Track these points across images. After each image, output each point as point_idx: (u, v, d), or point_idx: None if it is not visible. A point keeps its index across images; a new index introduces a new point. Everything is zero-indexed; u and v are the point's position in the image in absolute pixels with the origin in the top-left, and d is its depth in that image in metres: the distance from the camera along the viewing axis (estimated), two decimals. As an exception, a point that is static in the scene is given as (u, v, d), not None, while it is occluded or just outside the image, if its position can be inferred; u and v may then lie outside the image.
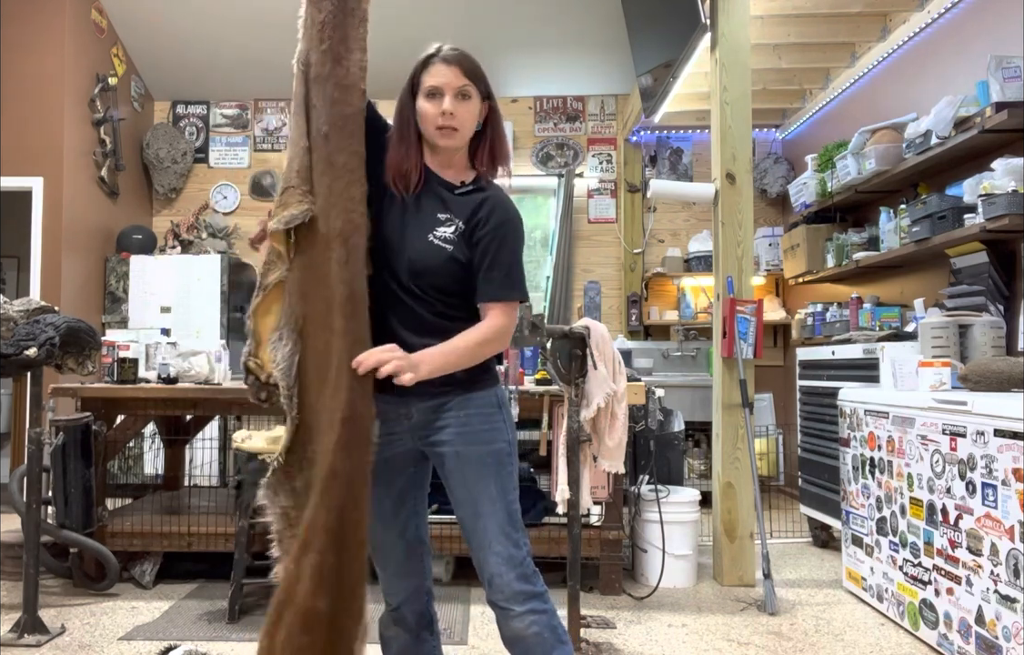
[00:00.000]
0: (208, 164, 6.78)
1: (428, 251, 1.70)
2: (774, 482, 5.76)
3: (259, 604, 3.41)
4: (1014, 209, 3.13)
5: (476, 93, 1.73)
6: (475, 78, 1.72)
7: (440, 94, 1.69)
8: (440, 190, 1.76)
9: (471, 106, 1.72)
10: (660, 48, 4.62)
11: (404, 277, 1.71)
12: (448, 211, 1.74)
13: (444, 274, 1.71)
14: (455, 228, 1.72)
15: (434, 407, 1.73)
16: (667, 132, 6.58)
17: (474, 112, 1.74)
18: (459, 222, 1.73)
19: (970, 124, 3.47)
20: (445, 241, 1.71)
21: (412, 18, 5.81)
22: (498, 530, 1.71)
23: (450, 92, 1.69)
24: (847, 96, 5.31)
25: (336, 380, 1.60)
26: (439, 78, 1.69)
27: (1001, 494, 2.50)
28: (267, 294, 1.72)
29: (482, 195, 1.76)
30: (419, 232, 1.72)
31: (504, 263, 1.72)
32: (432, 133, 1.72)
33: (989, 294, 3.53)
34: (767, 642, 3.02)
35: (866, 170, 4.30)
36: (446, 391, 1.72)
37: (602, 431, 3.39)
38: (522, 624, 1.69)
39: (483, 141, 1.79)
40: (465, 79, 1.70)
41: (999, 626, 2.51)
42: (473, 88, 1.72)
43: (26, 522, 3.04)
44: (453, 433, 1.73)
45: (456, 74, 1.69)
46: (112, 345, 3.64)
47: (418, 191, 1.75)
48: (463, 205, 1.75)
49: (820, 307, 5.10)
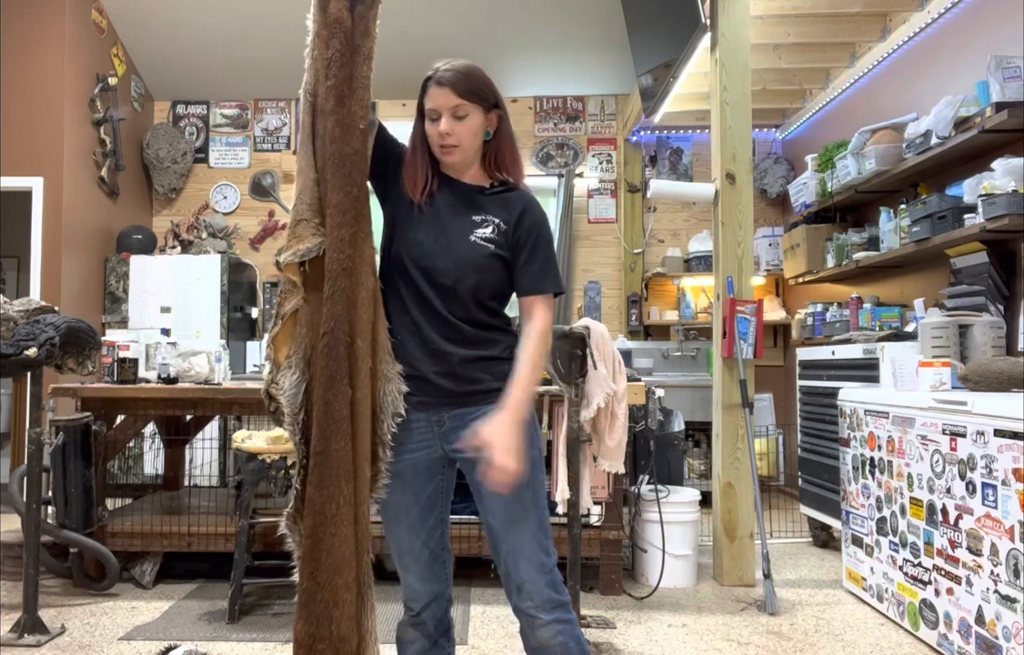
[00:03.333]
0: (208, 164, 6.78)
1: (471, 251, 1.73)
2: (774, 482, 5.76)
3: (259, 604, 3.41)
4: (1014, 209, 3.13)
5: (475, 109, 1.75)
6: (471, 96, 1.74)
7: (437, 116, 1.74)
8: (470, 193, 1.80)
9: (469, 124, 1.75)
10: (660, 48, 4.62)
11: (446, 279, 1.73)
12: (482, 212, 1.77)
13: (487, 271, 1.74)
14: (493, 227, 1.76)
15: (466, 414, 1.75)
16: (667, 132, 6.59)
17: (474, 127, 1.76)
18: (497, 220, 1.77)
19: (970, 124, 3.47)
20: (486, 240, 1.75)
21: (412, 18, 5.81)
22: (531, 537, 1.73)
23: (445, 114, 1.73)
24: (847, 96, 5.31)
25: (312, 415, 1.66)
26: (434, 101, 1.74)
27: (1001, 494, 2.50)
28: (284, 323, 1.74)
29: (513, 196, 1.80)
30: (459, 234, 1.75)
31: (543, 256, 1.77)
32: (437, 152, 1.78)
33: (989, 294, 3.53)
34: (767, 642, 3.02)
35: (866, 170, 4.30)
36: (479, 398, 1.74)
37: (602, 431, 3.40)
38: (548, 633, 1.71)
39: (491, 149, 1.82)
40: (458, 99, 1.72)
41: (999, 626, 2.51)
42: (470, 105, 1.74)
43: (26, 522, 3.04)
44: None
45: (448, 95, 1.72)
46: (112, 345, 3.64)
47: (433, 194, 1.79)
48: (497, 204, 1.79)
49: (820, 307, 5.10)
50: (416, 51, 6.45)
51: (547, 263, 1.78)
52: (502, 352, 1.77)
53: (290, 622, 3.16)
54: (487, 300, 1.76)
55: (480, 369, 1.74)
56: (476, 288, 1.73)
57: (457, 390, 1.73)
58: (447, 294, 1.73)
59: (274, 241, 6.68)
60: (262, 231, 6.69)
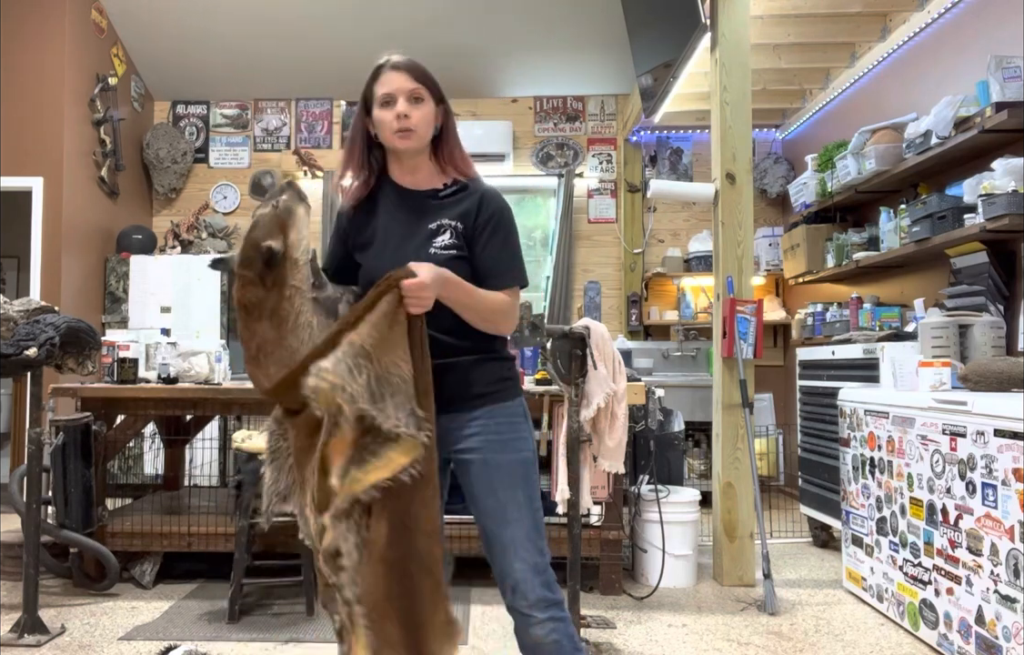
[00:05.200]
0: (208, 164, 6.78)
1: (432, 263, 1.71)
2: (774, 482, 5.76)
3: (259, 604, 3.41)
4: (1014, 209, 3.13)
5: (429, 96, 1.77)
6: (426, 81, 1.76)
7: (393, 100, 1.74)
8: (422, 201, 1.80)
9: (425, 109, 1.76)
10: (660, 48, 4.62)
11: None
12: (437, 217, 1.77)
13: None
14: (451, 232, 1.75)
15: (460, 417, 1.76)
16: (667, 132, 6.58)
17: (429, 114, 1.77)
18: (453, 223, 1.76)
19: (970, 124, 3.47)
20: (445, 247, 1.74)
21: (412, 18, 5.81)
22: (524, 537, 1.73)
23: (402, 96, 1.74)
24: (847, 96, 5.30)
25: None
26: (391, 85, 1.75)
27: (1001, 494, 2.50)
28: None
29: (467, 191, 1.80)
30: (417, 250, 1.74)
31: (500, 245, 1.77)
32: (390, 139, 1.77)
33: (989, 294, 3.53)
34: (767, 642, 3.02)
35: (866, 170, 4.30)
36: (475, 403, 1.76)
37: (602, 431, 3.39)
38: (542, 631, 1.72)
39: (443, 144, 1.83)
40: (415, 83, 1.74)
41: (999, 626, 2.51)
42: (425, 91, 1.76)
43: (26, 522, 3.04)
44: (481, 441, 1.75)
45: (406, 78, 1.74)
46: (112, 345, 3.64)
47: (382, 211, 1.80)
48: (452, 206, 1.78)
49: (820, 307, 5.10)
50: (415, 52, 6.44)
51: (504, 253, 1.78)
52: (487, 354, 1.78)
53: (290, 622, 3.17)
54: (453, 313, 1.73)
55: (466, 374, 1.75)
56: (441, 305, 1.69)
57: (447, 396, 1.71)
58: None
59: (274, 241, 6.67)
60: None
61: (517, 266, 1.80)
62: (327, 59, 6.28)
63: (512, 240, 1.80)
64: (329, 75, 6.47)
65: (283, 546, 3.53)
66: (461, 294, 1.69)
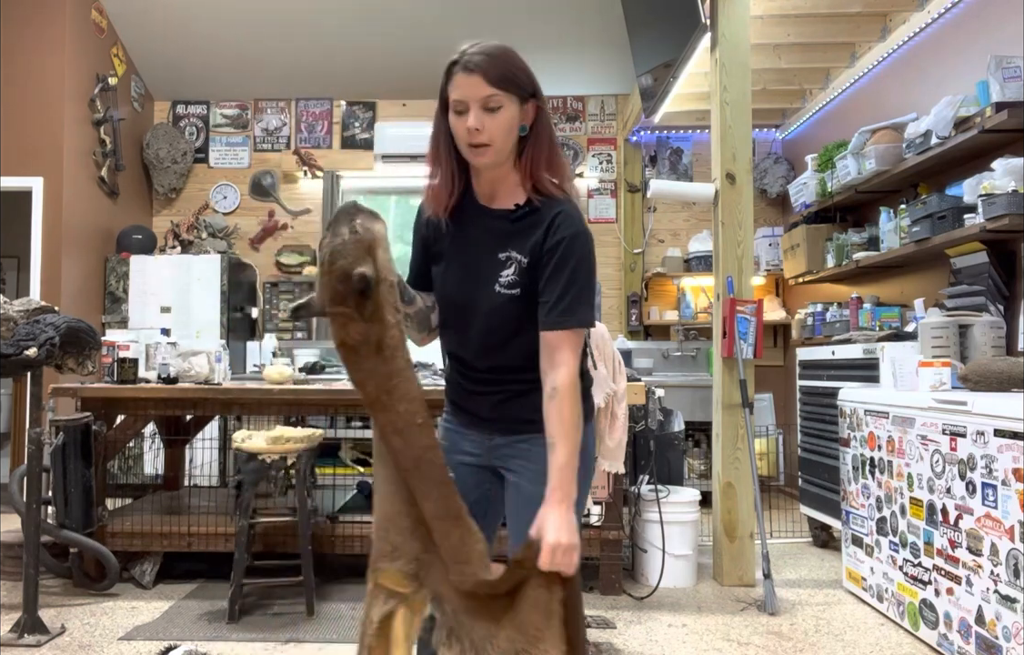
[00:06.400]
0: (208, 164, 6.78)
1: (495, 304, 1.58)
2: (774, 482, 5.76)
3: (259, 604, 3.41)
4: (1014, 209, 3.13)
5: (509, 100, 1.52)
6: (505, 84, 1.50)
7: (465, 109, 1.51)
8: (495, 224, 1.61)
9: (503, 117, 1.51)
10: (660, 48, 4.62)
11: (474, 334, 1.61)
12: (507, 247, 1.58)
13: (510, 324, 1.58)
14: (515, 266, 1.57)
15: (514, 439, 1.66)
16: (667, 132, 6.58)
17: (508, 122, 1.52)
18: (519, 257, 1.57)
19: (970, 124, 3.47)
20: (509, 286, 1.57)
21: (411, 18, 5.82)
22: None
23: (474, 106, 1.49)
24: (847, 96, 5.30)
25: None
26: (461, 91, 1.50)
27: (1001, 494, 2.50)
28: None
29: (539, 215, 1.57)
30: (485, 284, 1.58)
31: (568, 281, 1.53)
32: (466, 152, 1.56)
33: (989, 294, 3.53)
34: (767, 642, 3.02)
35: (866, 170, 4.30)
36: (525, 428, 1.63)
37: (602, 431, 3.40)
38: None
39: (528, 149, 1.57)
40: (491, 88, 1.49)
41: (999, 626, 2.51)
42: (504, 96, 1.50)
43: (26, 522, 3.04)
44: (521, 465, 1.65)
45: (479, 84, 1.49)
46: (112, 345, 3.64)
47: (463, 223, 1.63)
48: (522, 233, 1.58)
49: (820, 307, 5.10)
50: (415, 51, 6.46)
51: (572, 289, 1.52)
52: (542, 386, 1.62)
53: (290, 622, 3.17)
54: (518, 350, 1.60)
55: (520, 408, 1.63)
56: (503, 344, 1.60)
57: (501, 422, 1.65)
58: (477, 347, 1.63)
59: (274, 241, 6.68)
60: (262, 231, 6.69)
61: (581, 308, 1.53)
62: (327, 59, 6.29)
63: (579, 274, 1.53)
64: (329, 75, 6.48)
65: (283, 546, 3.53)
66: (570, 479, 1.48)
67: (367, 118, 6.71)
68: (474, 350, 1.65)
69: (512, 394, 1.64)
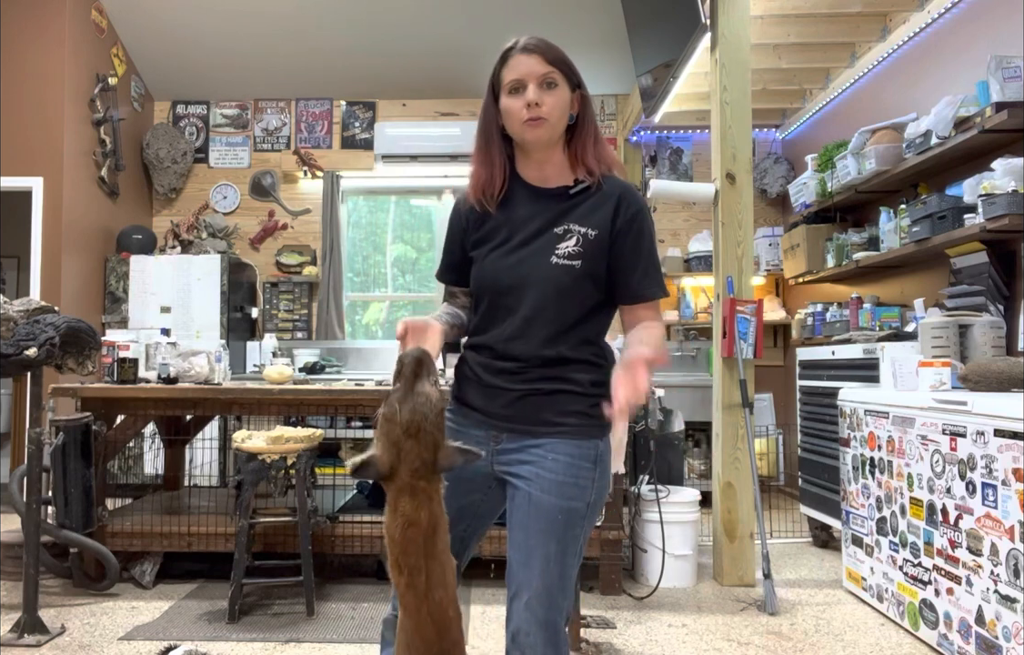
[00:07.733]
0: (208, 164, 6.78)
1: (552, 274, 1.56)
2: (774, 482, 5.76)
3: (259, 604, 3.41)
4: (1014, 209, 3.13)
5: (563, 81, 1.58)
6: (560, 64, 1.57)
7: (523, 86, 1.56)
8: (550, 200, 1.61)
9: (559, 95, 1.56)
10: (660, 48, 4.62)
11: (525, 310, 1.57)
12: (565, 221, 1.59)
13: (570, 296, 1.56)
14: (578, 238, 1.57)
15: (525, 442, 1.60)
16: (667, 132, 6.59)
17: (563, 101, 1.57)
18: (583, 230, 1.58)
19: (970, 124, 3.47)
20: (570, 257, 1.56)
21: (411, 18, 5.82)
22: (543, 591, 1.52)
23: (533, 81, 1.55)
24: (847, 96, 5.30)
25: None
26: (520, 70, 1.56)
27: (1001, 494, 2.50)
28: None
29: (601, 191, 1.61)
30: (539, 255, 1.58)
31: (646, 254, 1.60)
32: (519, 129, 1.58)
33: (989, 294, 3.53)
34: (767, 642, 3.02)
35: (866, 170, 4.30)
36: (541, 431, 1.58)
37: (602, 431, 3.38)
38: None
39: (578, 134, 1.62)
40: (549, 66, 1.55)
41: (999, 626, 2.51)
42: (559, 75, 1.57)
43: (26, 522, 3.04)
44: (532, 472, 1.57)
45: (538, 62, 1.55)
46: (112, 345, 3.64)
47: (510, 204, 1.63)
48: (583, 208, 1.60)
49: (820, 307, 5.10)
50: (414, 51, 6.47)
51: (649, 262, 1.60)
52: (577, 386, 1.59)
53: (290, 622, 3.17)
54: (568, 330, 1.58)
55: (539, 408, 1.59)
56: (557, 319, 1.56)
57: (515, 421, 1.60)
58: (520, 326, 1.58)
59: (274, 241, 6.69)
60: (262, 231, 6.69)
61: (661, 278, 1.61)
62: (327, 59, 6.29)
63: (654, 248, 1.62)
64: (329, 75, 6.48)
65: (283, 546, 3.54)
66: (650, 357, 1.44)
67: (367, 118, 6.71)
68: (513, 331, 1.59)
69: (536, 391, 1.59)
